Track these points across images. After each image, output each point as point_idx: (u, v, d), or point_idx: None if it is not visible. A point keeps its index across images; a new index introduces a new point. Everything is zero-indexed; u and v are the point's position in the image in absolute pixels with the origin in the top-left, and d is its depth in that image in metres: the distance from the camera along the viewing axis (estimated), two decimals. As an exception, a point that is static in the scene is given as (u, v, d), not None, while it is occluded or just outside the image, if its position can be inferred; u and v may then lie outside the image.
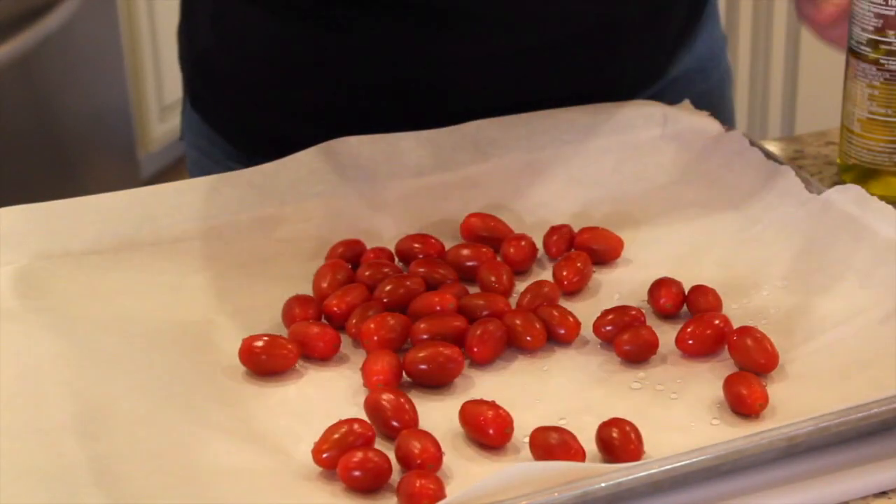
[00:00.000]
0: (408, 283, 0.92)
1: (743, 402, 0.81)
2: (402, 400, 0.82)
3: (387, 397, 0.81)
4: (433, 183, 1.03)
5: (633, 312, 0.89)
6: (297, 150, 1.02)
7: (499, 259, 0.97)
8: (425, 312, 0.89)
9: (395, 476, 0.77)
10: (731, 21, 2.51)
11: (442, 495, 0.74)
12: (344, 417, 0.80)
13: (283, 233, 0.99)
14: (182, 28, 1.18)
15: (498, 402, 0.81)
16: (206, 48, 1.14)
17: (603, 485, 0.72)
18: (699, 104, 1.10)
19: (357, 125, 1.04)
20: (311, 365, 0.88)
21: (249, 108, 1.13)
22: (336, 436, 0.78)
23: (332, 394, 0.85)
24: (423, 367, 0.85)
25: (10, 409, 0.80)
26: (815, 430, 0.76)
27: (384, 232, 1.00)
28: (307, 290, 0.94)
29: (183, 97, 1.20)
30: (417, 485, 0.74)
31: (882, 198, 0.94)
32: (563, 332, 0.89)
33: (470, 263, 0.96)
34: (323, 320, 0.91)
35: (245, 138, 1.14)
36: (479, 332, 0.87)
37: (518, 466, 0.72)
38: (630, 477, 0.73)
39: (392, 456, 0.78)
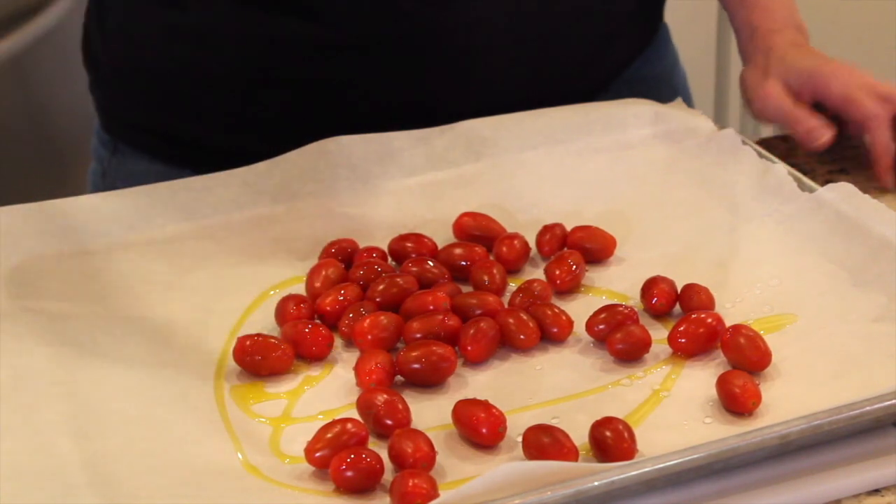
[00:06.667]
0: (401, 282, 0.92)
1: (736, 400, 0.81)
2: (396, 399, 0.81)
3: (380, 397, 0.81)
4: (426, 182, 1.03)
5: (626, 311, 0.89)
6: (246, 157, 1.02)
7: (491, 258, 0.97)
8: (418, 311, 0.89)
9: (388, 475, 0.77)
10: (724, 19, 2.50)
11: (435, 495, 0.74)
12: (337, 417, 0.80)
13: (276, 232, 0.99)
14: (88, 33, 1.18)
15: (491, 402, 0.81)
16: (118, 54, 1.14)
17: (596, 484, 0.72)
18: None
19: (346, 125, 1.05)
20: (305, 364, 0.88)
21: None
22: (329, 435, 0.78)
23: (325, 393, 0.85)
24: (416, 366, 0.85)
25: (4, 408, 0.80)
26: (808, 429, 0.76)
27: (377, 231, 1.00)
28: (300, 289, 0.94)
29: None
30: (410, 484, 0.74)
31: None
32: (555, 330, 0.89)
33: (463, 262, 0.96)
34: (316, 320, 0.91)
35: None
36: (472, 331, 0.87)
37: (511, 466, 0.72)
38: (623, 476, 0.73)
39: (385, 455, 0.78)
